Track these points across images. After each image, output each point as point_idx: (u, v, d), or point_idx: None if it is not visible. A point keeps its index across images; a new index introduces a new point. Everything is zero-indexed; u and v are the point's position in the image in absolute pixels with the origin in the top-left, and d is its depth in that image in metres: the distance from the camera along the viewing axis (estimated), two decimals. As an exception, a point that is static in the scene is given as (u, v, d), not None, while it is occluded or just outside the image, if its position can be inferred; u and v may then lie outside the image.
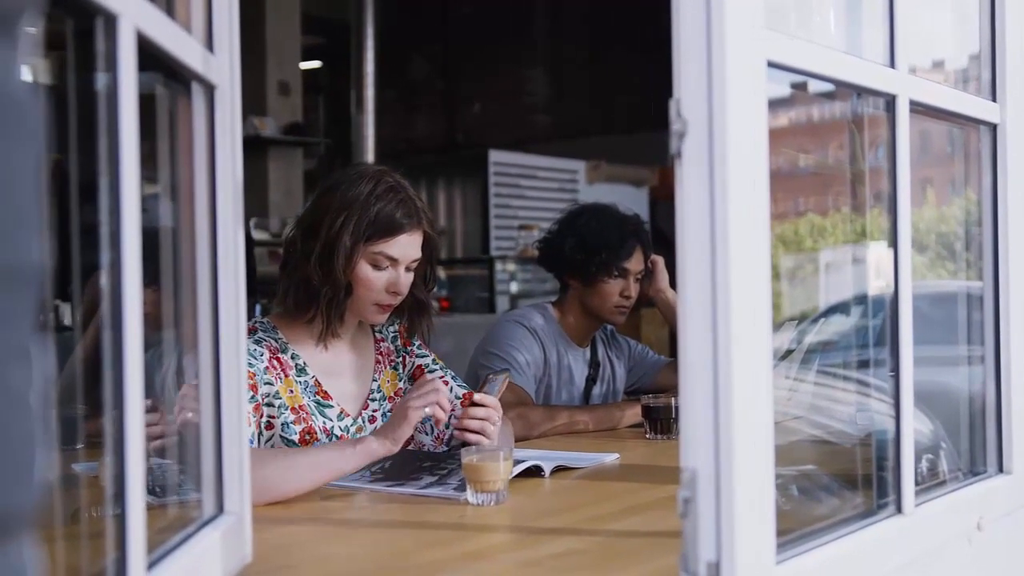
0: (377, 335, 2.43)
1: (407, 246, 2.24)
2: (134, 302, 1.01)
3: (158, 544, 1.16)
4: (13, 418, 0.56)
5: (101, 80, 1.01)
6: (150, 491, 1.14)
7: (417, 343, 2.46)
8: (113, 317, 1.00)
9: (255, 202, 7.59)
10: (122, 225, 1.00)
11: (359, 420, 2.31)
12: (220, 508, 1.37)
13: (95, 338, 1.17)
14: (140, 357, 1.02)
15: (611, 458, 2.37)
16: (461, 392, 2.42)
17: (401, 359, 2.44)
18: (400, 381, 2.42)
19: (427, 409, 2.01)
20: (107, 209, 1.00)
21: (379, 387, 2.38)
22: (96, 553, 1.11)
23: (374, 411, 2.35)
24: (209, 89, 1.35)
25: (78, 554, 1.16)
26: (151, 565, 1.08)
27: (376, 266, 2.22)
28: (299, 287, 2.23)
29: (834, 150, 2.01)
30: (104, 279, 1.01)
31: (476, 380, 2.95)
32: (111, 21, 0.99)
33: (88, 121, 1.02)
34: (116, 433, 1.00)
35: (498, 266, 7.63)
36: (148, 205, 1.10)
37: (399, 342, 2.45)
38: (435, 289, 2.44)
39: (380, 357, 2.41)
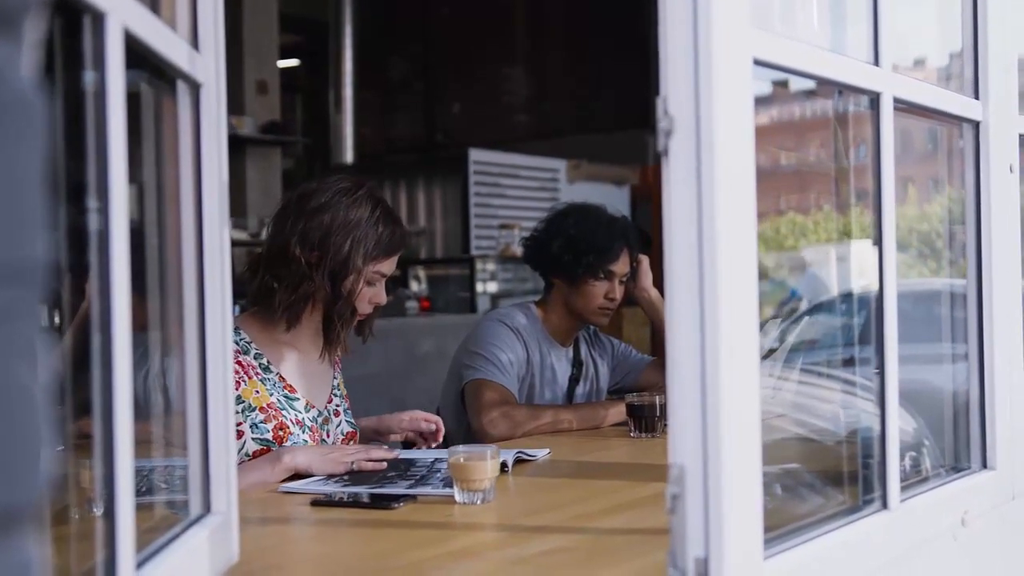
0: None
1: (395, 262, 2.37)
2: (122, 303, 1.00)
3: (144, 544, 1.15)
4: (20, 414, 0.56)
5: (88, 78, 1.00)
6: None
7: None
8: (102, 319, 0.99)
9: (233, 202, 7.51)
10: (110, 224, 0.99)
11: (325, 412, 2.38)
12: (207, 508, 1.36)
13: (76, 339, 1.16)
14: (128, 358, 1.01)
15: (542, 453, 2.38)
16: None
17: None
18: (345, 387, 2.51)
19: (354, 466, 2.14)
20: (95, 208, 0.99)
21: (338, 384, 2.47)
22: (82, 554, 1.11)
23: (337, 406, 2.43)
24: (195, 88, 1.34)
25: (64, 555, 1.15)
26: (139, 564, 1.08)
27: (370, 283, 2.31)
28: (302, 302, 2.27)
29: (815, 148, 2.02)
30: (91, 280, 1.01)
31: (459, 379, 2.95)
32: (99, 19, 0.98)
33: (73, 119, 1.01)
34: (105, 435, 0.99)
35: (479, 265, 7.61)
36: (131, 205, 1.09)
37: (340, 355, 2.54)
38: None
39: (336, 358, 2.49)
